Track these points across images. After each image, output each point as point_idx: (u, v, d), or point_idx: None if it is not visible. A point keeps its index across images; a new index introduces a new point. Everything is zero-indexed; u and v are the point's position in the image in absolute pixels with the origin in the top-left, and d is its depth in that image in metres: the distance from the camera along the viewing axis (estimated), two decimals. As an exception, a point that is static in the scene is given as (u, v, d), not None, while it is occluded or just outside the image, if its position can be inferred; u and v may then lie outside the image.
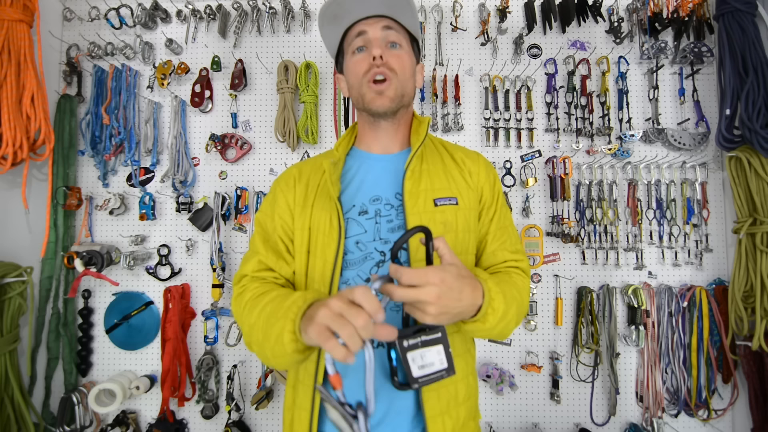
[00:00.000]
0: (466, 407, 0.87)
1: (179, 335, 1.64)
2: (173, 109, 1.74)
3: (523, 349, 1.69)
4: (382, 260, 0.85)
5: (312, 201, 0.91)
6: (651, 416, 1.61)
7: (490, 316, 0.73)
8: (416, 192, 0.87)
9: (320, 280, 0.85)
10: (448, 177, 0.92)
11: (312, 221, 0.88)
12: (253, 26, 1.77)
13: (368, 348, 0.58)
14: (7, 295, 1.48)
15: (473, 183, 0.94)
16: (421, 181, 0.88)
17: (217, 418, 1.68)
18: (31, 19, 1.53)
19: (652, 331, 1.64)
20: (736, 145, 1.56)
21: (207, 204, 1.71)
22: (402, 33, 0.91)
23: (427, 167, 0.91)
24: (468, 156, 0.98)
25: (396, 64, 0.87)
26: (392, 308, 0.83)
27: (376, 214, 0.87)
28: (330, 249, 0.84)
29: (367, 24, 0.89)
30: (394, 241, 0.81)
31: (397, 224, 0.86)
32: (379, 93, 0.86)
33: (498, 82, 1.74)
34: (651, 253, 1.69)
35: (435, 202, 0.87)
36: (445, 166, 0.94)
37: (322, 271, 0.84)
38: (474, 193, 0.93)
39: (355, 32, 0.90)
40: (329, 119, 1.77)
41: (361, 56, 0.89)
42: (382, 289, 0.63)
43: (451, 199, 0.89)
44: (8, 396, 1.48)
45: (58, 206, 1.66)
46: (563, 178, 1.67)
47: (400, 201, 0.88)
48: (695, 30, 1.71)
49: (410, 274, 0.64)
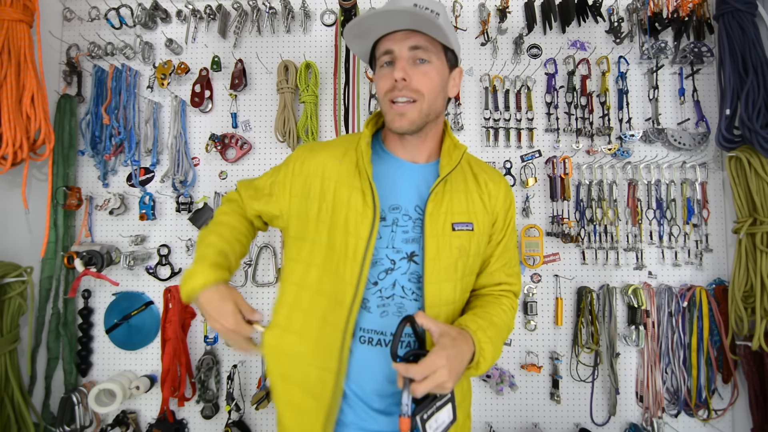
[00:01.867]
0: (462, 408, 0.93)
1: (179, 335, 1.64)
2: (173, 109, 1.74)
3: (523, 349, 1.69)
4: (390, 268, 0.87)
5: (335, 175, 0.90)
6: (651, 416, 1.61)
7: (482, 363, 0.81)
8: (437, 213, 0.88)
9: (353, 258, 0.84)
10: (468, 200, 0.92)
11: (337, 199, 0.88)
12: (253, 26, 1.77)
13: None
14: (7, 295, 1.48)
15: (490, 207, 0.95)
16: (443, 203, 0.89)
17: (217, 418, 1.68)
18: (31, 19, 1.53)
19: (652, 331, 1.64)
20: (736, 145, 1.56)
21: (207, 204, 1.71)
22: (432, 45, 0.85)
23: (450, 188, 0.92)
24: (491, 179, 0.98)
25: (422, 84, 0.83)
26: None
27: (393, 222, 0.88)
28: (364, 227, 0.84)
29: (394, 41, 0.84)
30: (406, 252, 0.87)
31: (412, 236, 0.88)
32: (399, 114, 0.84)
33: (498, 82, 1.74)
34: (651, 253, 1.69)
35: (453, 226, 0.88)
36: (467, 187, 0.94)
37: (355, 248, 0.85)
38: (489, 217, 0.95)
39: (382, 48, 0.86)
40: (329, 119, 1.77)
41: (387, 71, 0.86)
42: (410, 391, 0.70)
43: (468, 224, 0.90)
44: (8, 396, 1.48)
45: (58, 206, 1.66)
46: (563, 178, 1.67)
47: (419, 215, 0.89)
48: (695, 30, 1.71)
49: (420, 370, 0.70)
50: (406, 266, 0.87)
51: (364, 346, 0.86)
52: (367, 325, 0.86)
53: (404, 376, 0.70)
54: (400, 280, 0.87)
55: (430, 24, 0.80)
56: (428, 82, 0.84)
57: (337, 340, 0.84)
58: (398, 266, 0.87)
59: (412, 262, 0.87)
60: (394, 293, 0.86)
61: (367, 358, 0.86)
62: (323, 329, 0.86)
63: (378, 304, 0.86)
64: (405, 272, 0.87)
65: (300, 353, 0.88)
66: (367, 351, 0.86)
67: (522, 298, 1.69)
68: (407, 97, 0.83)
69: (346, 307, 0.83)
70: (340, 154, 0.92)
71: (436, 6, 0.85)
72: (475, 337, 0.80)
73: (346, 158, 0.91)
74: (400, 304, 0.86)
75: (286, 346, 0.89)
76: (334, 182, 0.89)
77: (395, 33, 0.84)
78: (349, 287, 0.83)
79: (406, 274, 0.87)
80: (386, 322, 0.86)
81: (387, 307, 0.86)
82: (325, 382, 0.84)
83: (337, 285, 0.85)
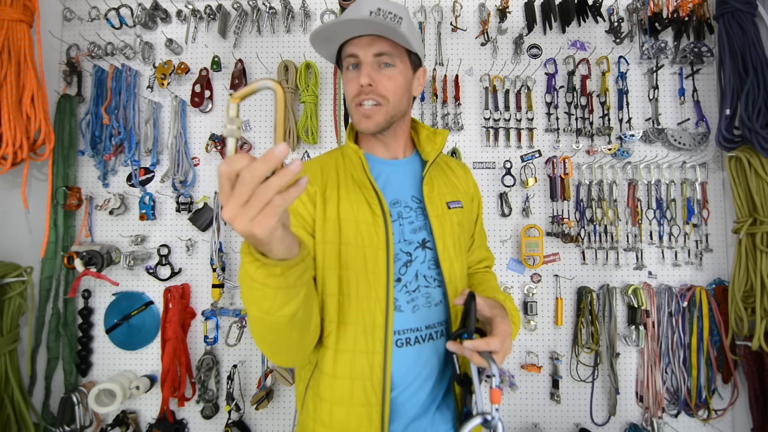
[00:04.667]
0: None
1: (179, 335, 1.64)
2: (173, 109, 1.74)
3: (523, 349, 1.69)
4: (408, 260, 0.88)
5: (335, 193, 0.89)
6: (651, 416, 1.61)
7: (514, 330, 0.84)
8: (432, 196, 0.94)
9: (374, 272, 0.83)
10: (449, 183, 1.01)
11: (342, 214, 0.86)
12: (253, 26, 1.77)
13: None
14: (7, 295, 1.48)
15: (464, 188, 1.04)
16: (435, 187, 0.96)
17: (217, 418, 1.68)
18: (31, 19, 1.53)
19: (652, 331, 1.64)
20: (736, 145, 1.56)
21: (207, 204, 1.71)
22: (396, 50, 0.87)
23: (436, 174, 0.99)
24: (459, 166, 1.09)
25: (386, 89, 0.86)
26: (426, 305, 0.88)
27: (398, 216, 0.91)
28: (379, 238, 0.84)
29: (359, 46, 0.86)
30: (418, 241, 0.89)
31: (418, 225, 0.91)
32: (366, 116, 0.88)
33: (498, 82, 1.74)
34: (651, 253, 1.69)
35: (448, 205, 0.95)
36: (445, 173, 1.03)
37: (375, 260, 0.84)
38: (468, 198, 1.04)
39: (347, 52, 0.88)
40: (329, 119, 1.77)
41: (353, 75, 0.88)
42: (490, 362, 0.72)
43: (458, 202, 0.98)
44: (8, 396, 1.48)
45: (58, 206, 1.66)
46: (563, 178, 1.67)
47: (418, 204, 0.93)
48: (695, 30, 1.71)
49: (499, 341, 0.73)
50: (422, 254, 0.89)
51: (401, 349, 0.84)
52: (402, 326, 0.85)
53: (482, 351, 0.72)
54: (421, 270, 0.88)
55: (391, 32, 0.83)
56: (393, 86, 0.87)
57: (377, 372, 0.81)
58: (415, 256, 0.88)
59: (426, 249, 0.90)
60: (418, 285, 0.88)
61: (408, 361, 0.85)
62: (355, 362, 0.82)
63: (407, 300, 0.86)
64: (423, 261, 0.89)
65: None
66: (408, 353, 0.85)
67: (522, 298, 1.69)
68: (373, 100, 0.86)
69: (380, 326, 0.82)
70: (330, 175, 0.92)
71: (399, 10, 0.87)
72: (506, 305, 0.85)
73: (338, 176, 0.92)
74: (427, 294, 0.88)
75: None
76: (334, 201, 0.88)
77: (360, 38, 0.87)
78: (376, 304, 0.82)
79: (424, 262, 0.89)
80: (418, 317, 0.86)
81: (416, 300, 0.87)
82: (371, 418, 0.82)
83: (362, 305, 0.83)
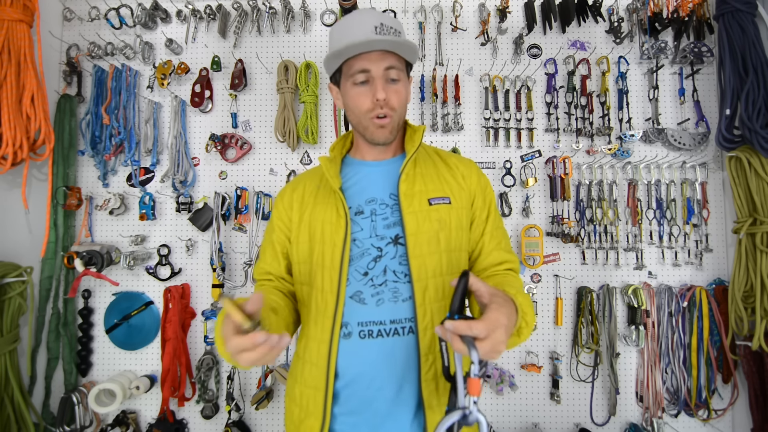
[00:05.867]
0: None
1: (179, 335, 1.64)
2: (173, 109, 1.74)
3: (523, 349, 1.69)
4: (378, 255, 0.89)
5: (312, 200, 0.98)
6: (651, 416, 1.61)
7: (524, 329, 0.77)
8: (411, 193, 0.93)
9: (330, 266, 0.89)
10: (441, 180, 0.98)
11: (313, 216, 0.95)
12: (253, 26, 1.77)
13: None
14: (7, 295, 1.48)
15: (465, 185, 0.99)
16: (416, 184, 0.95)
17: (217, 418, 1.68)
18: (31, 19, 1.53)
19: (652, 331, 1.64)
20: (736, 145, 1.56)
21: (207, 204, 1.71)
22: (400, 63, 0.93)
23: (421, 171, 0.98)
24: (461, 162, 1.04)
25: (396, 102, 0.92)
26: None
27: (371, 213, 0.92)
28: (338, 236, 0.90)
29: (371, 61, 0.89)
30: (390, 237, 0.89)
31: (392, 221, 0.91)
32: (381, 127, 0.93)
33: (498, 82, 1.74)
34: (651, 253, 1.69)
35: (429, 201, 0.93)
36: (437, 170, 1.00)
37: (332, 256, 0.90)
38: (466, 194, 0.98)
39: (358, 67, 0.90)
40: (329, 119, 1.77)
41: (363, 90, 0.91)
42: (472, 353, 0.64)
43: (445, 198, 0.94)
44: (8, 396, 1.48)
45: (58, 206, 1.66)
46: (563, 178, 1.67)
47: (395, 201, 0.93)
48: (695, 30, 1.71)
49: (484, 326, 0.64)
50: (393, 250, 0.89)
51: (364, 341, 0.86)
52: (364, 318, 0.86)
53: (464, 335, 0.64)
54: (390, 265, 0.88)
55: (407, 48, 0.90)
56: (400, 99, 0.93)
57: (323, 353, 0.87)
58: (386, 252, 0.89)
59: (398, 245, 0.89)
60: (386, 279, 0.88)
61: (371, 353, 0.85)
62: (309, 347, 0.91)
63: (372, 294, 0.87)
64: (394, 256, 0.89)
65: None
66: (371, 345, 0.85)
67: (522, 298, 1.69)
68: (387, 114, 0.92)
69: (329, 316, 0.87)
70: (299, 192, 1.01)
71: (397, 24, 0.92)
72: (516, 300, 0.76)
73: (307, 188, 1.01)
74: (394, 288, 0.87)
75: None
76: (310, 207, 0.97)
77: (371, 53, 0.90)
78: (330, 296, 0.88)
79: (395, 258, 0.89)
80: (382, 311, 0.86)
81: (381, 294, 0.87)
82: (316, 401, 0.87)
83: (317, 296, 0.90)
